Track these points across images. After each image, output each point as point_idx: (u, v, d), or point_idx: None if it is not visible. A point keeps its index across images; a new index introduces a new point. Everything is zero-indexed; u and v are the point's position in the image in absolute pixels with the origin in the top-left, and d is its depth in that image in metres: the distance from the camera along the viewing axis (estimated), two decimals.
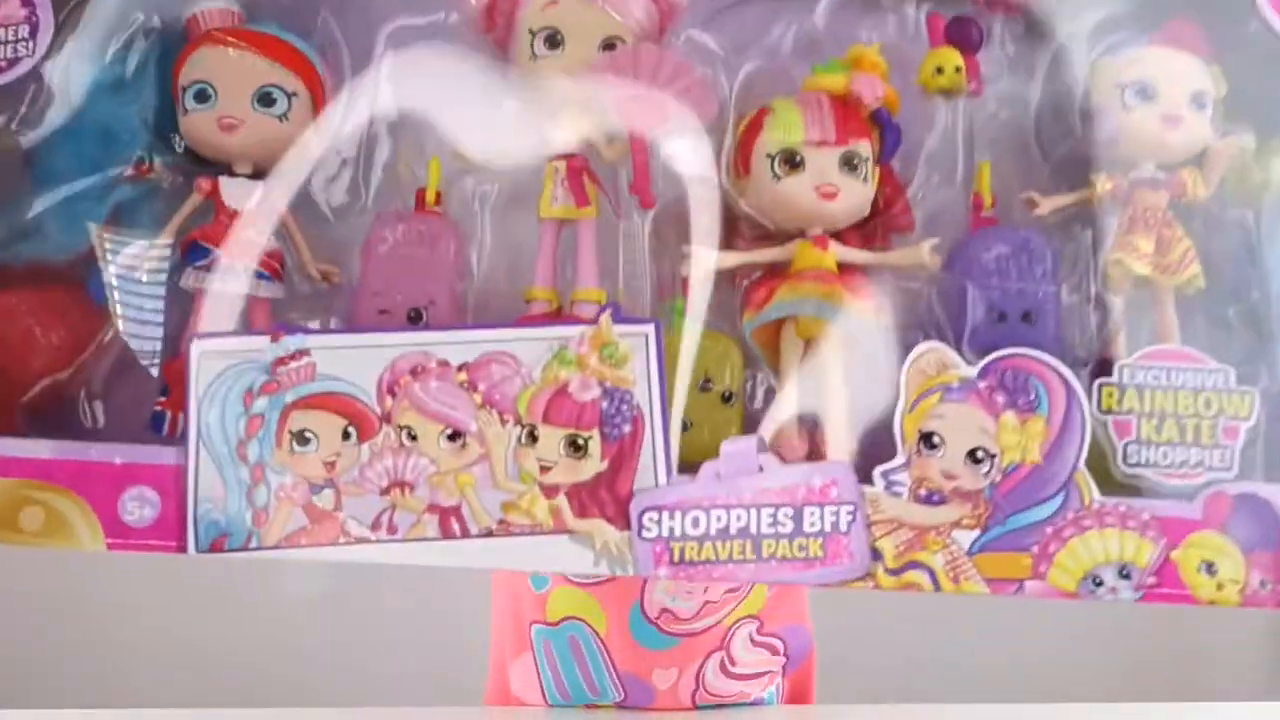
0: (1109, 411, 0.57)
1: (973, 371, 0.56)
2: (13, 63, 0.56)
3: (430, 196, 0.61)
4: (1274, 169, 0.62)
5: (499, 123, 0.62)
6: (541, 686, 0.75)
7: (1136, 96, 0.60)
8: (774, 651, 0.75)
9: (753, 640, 0.73)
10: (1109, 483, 0.56)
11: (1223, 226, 0.62)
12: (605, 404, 0.54)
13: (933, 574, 0.55)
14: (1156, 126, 0.60)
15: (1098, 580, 0.55)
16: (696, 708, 0.74)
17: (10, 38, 0.56)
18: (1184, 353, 0.58)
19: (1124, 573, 0.55)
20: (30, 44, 0.56)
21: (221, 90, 0.57)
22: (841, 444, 0.58)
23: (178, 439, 0.54)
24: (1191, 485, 0.57)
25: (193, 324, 0.57)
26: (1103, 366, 0.59)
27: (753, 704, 0.75)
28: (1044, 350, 0.57)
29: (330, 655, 1.48)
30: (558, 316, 0.59)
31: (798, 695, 0.77)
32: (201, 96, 0.57)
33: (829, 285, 0.58)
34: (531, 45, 0.60)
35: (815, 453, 0.58)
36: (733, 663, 0.73)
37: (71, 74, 0.57)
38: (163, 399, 0.57)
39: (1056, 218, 0.61)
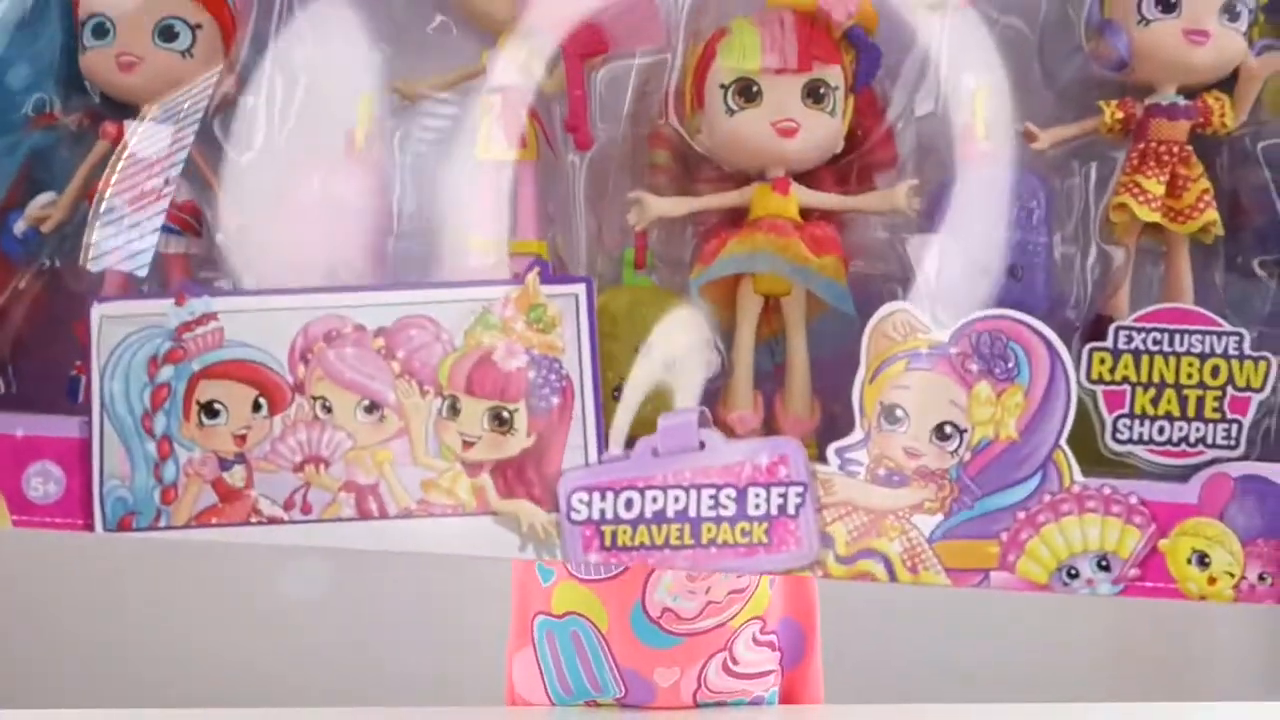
0: (1099, 381, 0.51)
1: (945, 335, 0.50)
2: None
3: (360, 137, 0.55)
4: None
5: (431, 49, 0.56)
6: (544, 680, 0.74)
7: (1156, 6, 0.52)
8: (773, 648, 0.72)
9: (755, 640, 0.71)
10: (1094, 461, 0.51)
11: (1253, 162, 0.54)
12: (532, 373, 0.50)
13: (888, 563, 0.50)
14: (1178, 43, 0.52)
15: (1072, 571, 0.50)
16: (698, 705, 0.72)
17: None
18: (1192, 313, 0.51)
19: (1103, 563, 0.50)
20: None
21: (119, 24, 0.52)
22: (804, 424, 0.53)
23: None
24: (1189, 465, 0.51)
25: (104, 289, 0.53)
26: (1097, 328, 0.52)
27: (753, 703, 0.73)
28: (1031, 310, 0.51)
29: (329, 654, 1.46)
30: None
31: (794, 694, 0.75)
32: (99, 31, 0.52)
33: (786, 238, 0.52)
34: None
35: (771, 425, 0.53)
36: (735, 662, 0.71)
37: None
38: (79, 363, 0.54)
39: (1056, 152, 0.54)
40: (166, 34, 0.52)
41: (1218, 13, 0.51)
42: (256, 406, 0.50)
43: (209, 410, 0.50)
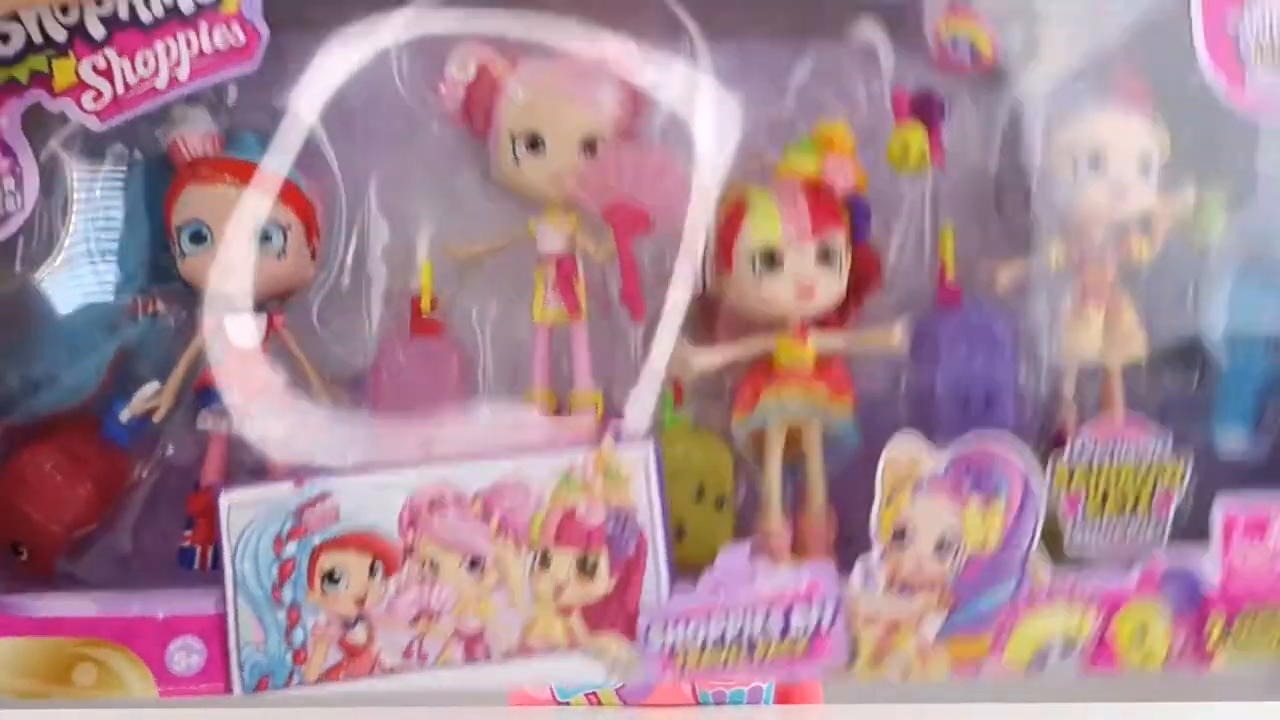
0: (1060, 489, 0.63)
1: (940, 463, 0.61)
2: (2, 219, 0.55)
3: (425, 303, 0.62)
4: (1212, 225, 0.66)
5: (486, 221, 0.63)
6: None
7: (1089, 167, 0.63)
8: None
9: None
10: (1060, 558, 0.63)
11: (1164, 288, 0.66)
12: (611, 526, 0.58)
13: (904, 663, 0.61)
14: (1106, 198, 0.63)
15: (1044, 658, 0.63)
16: (697, 698, 0.80)
17: None
18: (1127, 425, 0.64)
19: (1067, 647, 0.63)
20: (18, 196, 0.55)
21: (217, 232, 0.57)
22: (822, 535, 0.63)
23: (208, 573, 0.58)
24: (1129, 556, 0.64)
25: (213, 468, 0.59)
26: (1057, 443, 0.64)
27: (750, 695, 0.82)
28: (1004, 432, 0.62)
29: None
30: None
31: (792, 688, 0.83)
32: (197, 238, 0.57)
33: (811, 387, 0.62)
34: (513, 148, 0.60)
35: (798, 542, 0.64)
36: None
37: (62, 219, 0.57)
38: (189, 533, 0.60)
39: (1015, 287, 0.65)
40: (262, 237, 0.57)
41: (1135, 170, 0.63)
42: (373, 571, 0.57)
43: (331, 578, 0.57)
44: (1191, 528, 0.64)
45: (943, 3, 0.62)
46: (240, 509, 0.56)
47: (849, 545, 0.62)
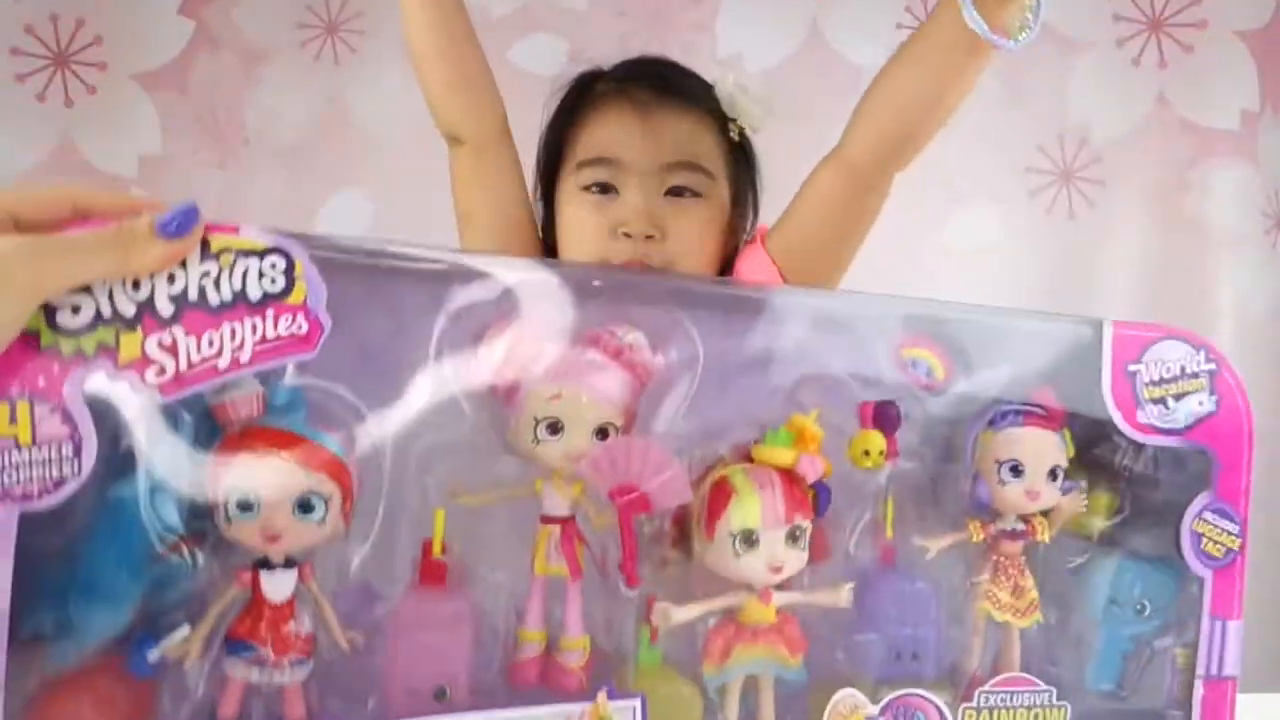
0: None
1: (875, 709, 0.72)
2: (59, 483, 0.58)
3: (437, 547, 0.69)
4: (1095, 520, 0.80)
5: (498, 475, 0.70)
6: None
7: (1009, 473, 0.76)
8: None
9: None
10: None
11: (1060, 562, 0.80)
12: None
13: None
14: (1021, 499, 0.77)
15: None
16: None
17: (54, 456, 0.58)
18: (1022, 678, 0.76)
19: None
20: (75, 463, 0.58)
21: (263, 501, 0.62)
22: None
23: None
24: None
25: (229, 708, 0.63)
26: (968, 691, 0.77)
27: None
28: (927, 681, 0.74)
29: None
30: (547, 660, 0.69)
31: None
32: (244, 506, 0.62)
33: (774, 646, 0.71)
34: (535, 430, 0.68)
35: None
36: None
37: (111, 481, 0.60)
38: None
39: (941, 558, 0.77)
40: (305, 507, 0.63)
41: (1046, 478, 0.76)
42: None
43: None
44: None
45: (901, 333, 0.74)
46: None
47: None
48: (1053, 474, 0.77)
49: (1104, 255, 1.60)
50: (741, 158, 1.08)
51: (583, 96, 1.02)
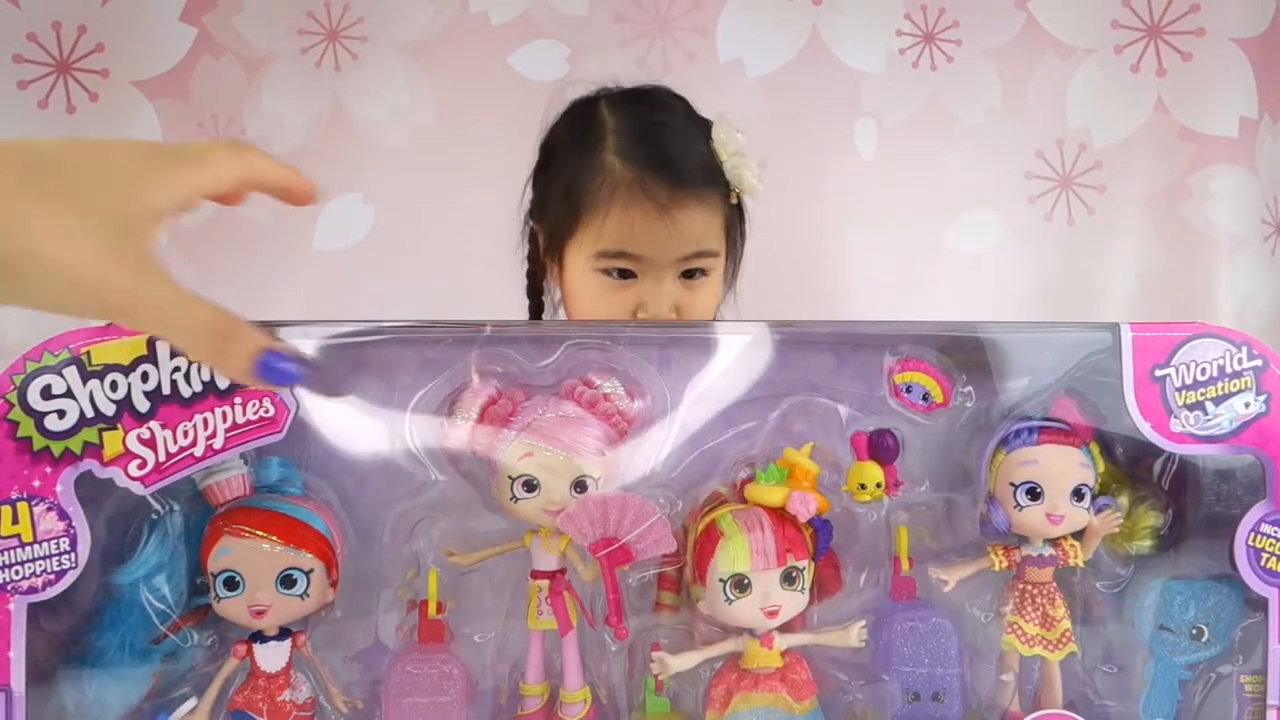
0: None
1: None
2: (60, 575, 0.63)
3: (432, 608, 0.70)
4: (1143, 538, 0.74)
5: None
6: None
7: (1026, 496, 0.71)
8: None
9: None
10: None
11: (1097, 589, 0.74)
12: None
13: None
14: (1042, 523, 0.71)
15: None
16: None
17: (53, 551, 0.63)
18: (1065, 716, 0.71)
19: None
20: (73, 555, 0.63)
21: (248, 579, 0.65)
22: None
23: None
24: None
25: None
26: None
27: None
28: None
29: None
30: (550, 714, 0.70)
31: None
32: (230, 584, 0.65)
33: (776, 693, 0.69)
34: (511, 489, 0.68)
35: None
36: None
37: (109, 571, 0.65)
38: None
39: (961, 589, 0.73)
40: (287, 582, 0.65)
41: (1069, 498, 0.71)
42: None
43: None
44: None
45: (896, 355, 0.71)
46: None
47: None
48: (1077, 493, 0.72)
49: (1104, 261, 1.51)
50: (736, 219, 1.10)
51: (597, 174, 1.01)
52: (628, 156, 1.01)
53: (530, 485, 0.68)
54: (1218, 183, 1.52)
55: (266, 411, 0.65)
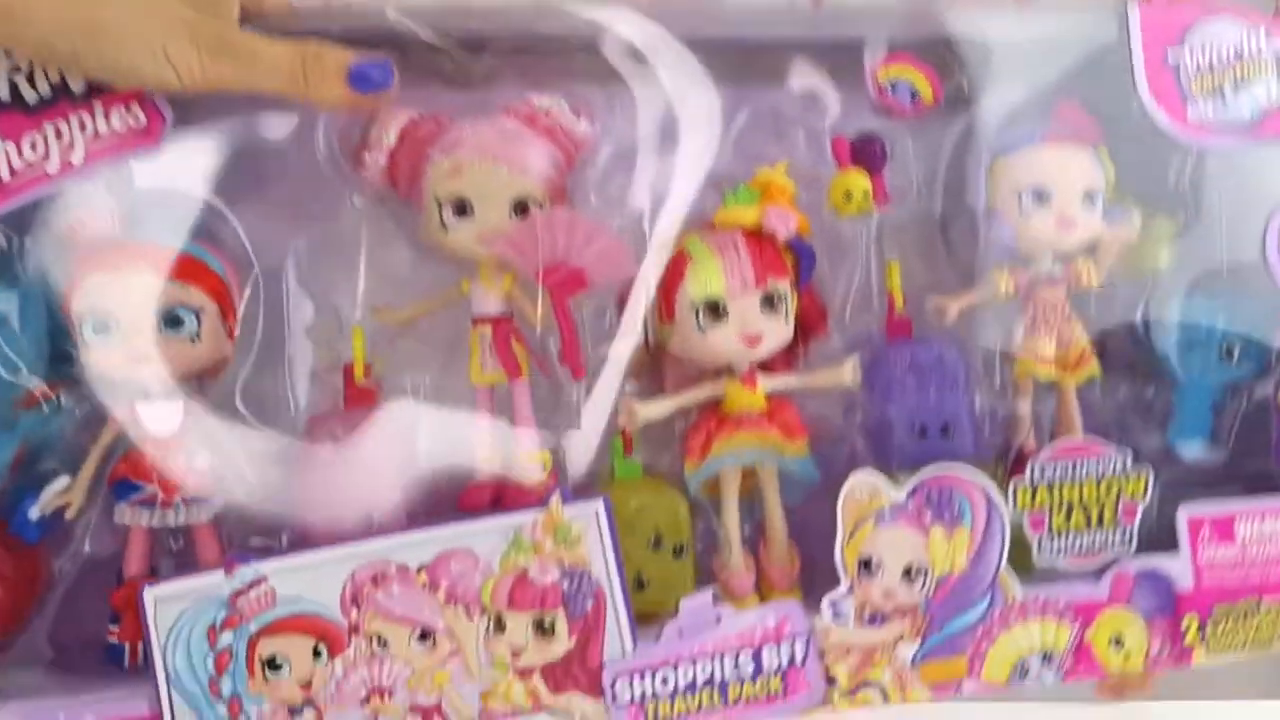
0: (1024, 509, 0.62)
1: (901, 494, 0.60)
2: None
3: (359, 371, 0.60)
4: (1158, 248, 0.65)
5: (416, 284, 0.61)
6: None
7: (1033, 201, 0.62)
8: None
9: None
10: (1028, 575, 0.62)
11: (1115, 308, 0.66)
12: (566, 584, 0.56)
13: (882, 689, 0.60)
14: (1052, 231, 0.63)
15: (1025, 670, 0.61)
16: None
17: None
18: (1086, 444, 0.63)
19: (1046, 658, 0.62)
20: None
21: (121, 320, 0.54)
22: (786, 571, 0.62)
23: (139, 670, 0.54)
24: (1098, 566, 0.63)
25: (136, 559, 0.56)
26: (1016, 464, 0.63)
27: None
28: (963, 460, 0.61)
29: None
30: (504, 482, 0.60)
31: None
32: (100, 328, 0.54)
33: (763, 431, 0.60)
34: (440, 215, 0.58)
35: (762, 580, 0.62)
36: None
37: None
38: (114, 628, 0.56)
39: (965, 318, 0.64)
40: (172, 322, 0.54)
41: (1080, 203, 0.62)
42: (316, 654, 0.54)
43: (272, 665, 0.54)
44: (1159, 535, 0.63)
45: (881, 48, 0.61)
46: (167, 603, 0.53)
47: (814, 580, 0.61)
48: (1089, 198, 0.63)
49: None
50: None
51: None
52: None
53: (461, 207, 0.58)
54: None
55: (138, 120, 0.54)
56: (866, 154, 0.62)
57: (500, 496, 0.59)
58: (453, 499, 0.58)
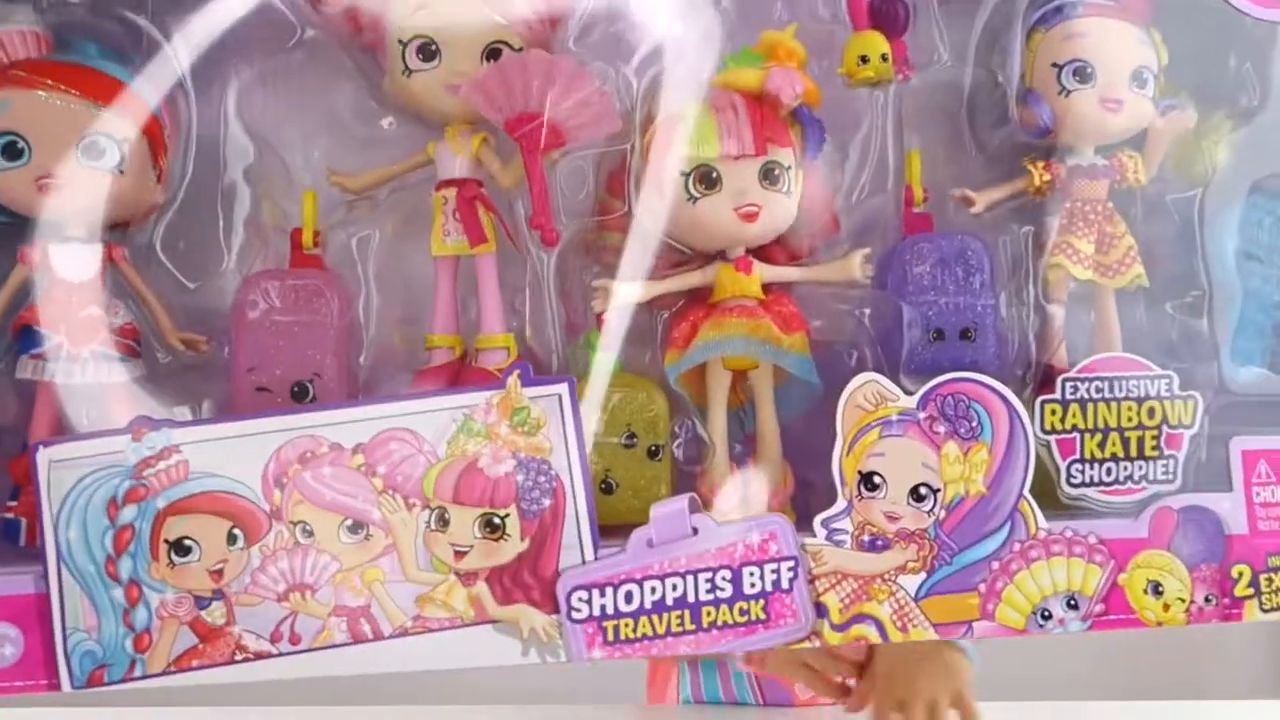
0: (1052, 431, 0.54)
1: (912, 402, 0.52)
2: None
3: (308, 237, 0.53)
4: (1218, 147, 0.58)
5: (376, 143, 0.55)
6: (676, 683, 0.77)
7: (1074, 78, 0.55)
8: None
9: None
10: (1054, 506, 0.54)
11: (1164, 212, 0.58)
12: (521, 477, 0.49)
13: (880, 625, 0.52)
14: (1096, 111, 0.55)
15: (1046, 613, 0.53)
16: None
17: None
18: (1126, 360, 0.55)
19: (1071, 603, 0.54)
20: None
21: (37, 143, 0.48)
22: (777, 486, 0.54)
23: (37, 549, 0.48)
24: (1136, 501, 0.55)
25: (42, 424, 0.50)
26: (1045, 381, 0.56)
27: None
28: (984, 369, 0.53)
29: None
30: (462, 368, 0.53)
31: None
32: (12, 151, 0.48)
33: (756, 319, 0.53)
34: (404, 57, 0.51)
35: (748, 494, 0.54)
36: None
37: None
38: (13, 504, 0.50)
39: (993, 214, 0.57)
40: (92, 151, 0.48)
41: (1128, 81, 0.55)
42: (231, 539, 0.47)
43: (179, 548, 0.47)
44: (1208, 470, 0.55)
45: None
46: (63, 466, 0.46)
47: (809, 507, 0.53)
48: (1138, 78, 0.55)
49: None
50: None
51: None
52: None
53: (428, 50, 0.52)
54: None
55: None
56: (887, 14, 0.55)
57: (458, 379, 0.52)
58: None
